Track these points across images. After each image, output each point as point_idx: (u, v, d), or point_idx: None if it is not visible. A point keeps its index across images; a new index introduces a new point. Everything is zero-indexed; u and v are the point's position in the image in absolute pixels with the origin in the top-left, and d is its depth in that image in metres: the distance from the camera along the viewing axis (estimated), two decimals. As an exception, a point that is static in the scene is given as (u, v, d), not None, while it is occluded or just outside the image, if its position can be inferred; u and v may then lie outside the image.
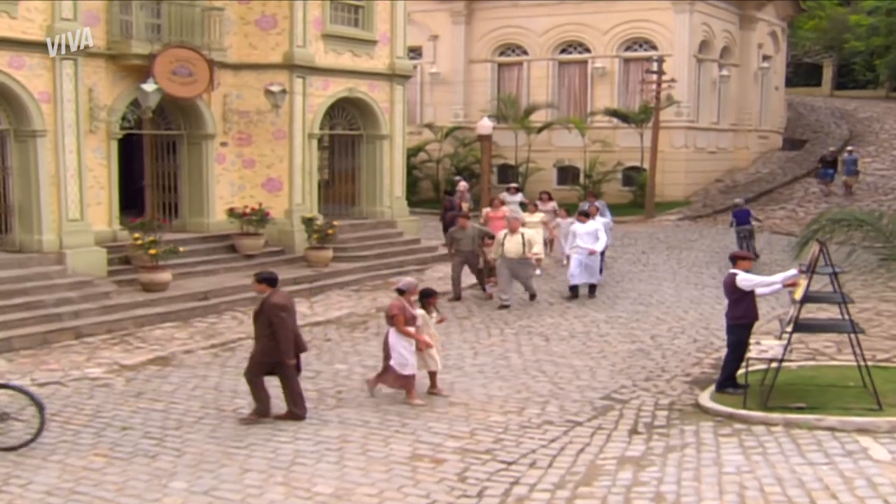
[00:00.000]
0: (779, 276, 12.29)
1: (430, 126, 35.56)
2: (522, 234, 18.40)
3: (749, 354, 12.04)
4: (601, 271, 20.30)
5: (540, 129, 33.36)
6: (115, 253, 18.49)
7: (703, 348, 15.17)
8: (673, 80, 30.44)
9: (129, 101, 19.18)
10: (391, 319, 11.93)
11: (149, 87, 18.29)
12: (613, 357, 14.54)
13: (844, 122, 42.37)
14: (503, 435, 10.75)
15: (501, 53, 36.64)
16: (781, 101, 41.96)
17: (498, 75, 36.72)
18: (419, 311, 12.21)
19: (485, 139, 28.45)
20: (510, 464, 9.84)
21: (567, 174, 34.83)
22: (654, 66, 30.62)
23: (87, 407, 11.78)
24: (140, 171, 21.71)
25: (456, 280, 19.09)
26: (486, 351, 14.89)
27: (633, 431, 10.92)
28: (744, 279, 12.20)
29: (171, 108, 20.82)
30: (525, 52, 35.95)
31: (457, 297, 18.98)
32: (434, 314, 12.66)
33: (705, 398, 12.01)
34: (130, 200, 20.69)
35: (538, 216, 22.78)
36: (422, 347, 12.05)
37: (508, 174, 34.36)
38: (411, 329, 11.92)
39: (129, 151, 21.49)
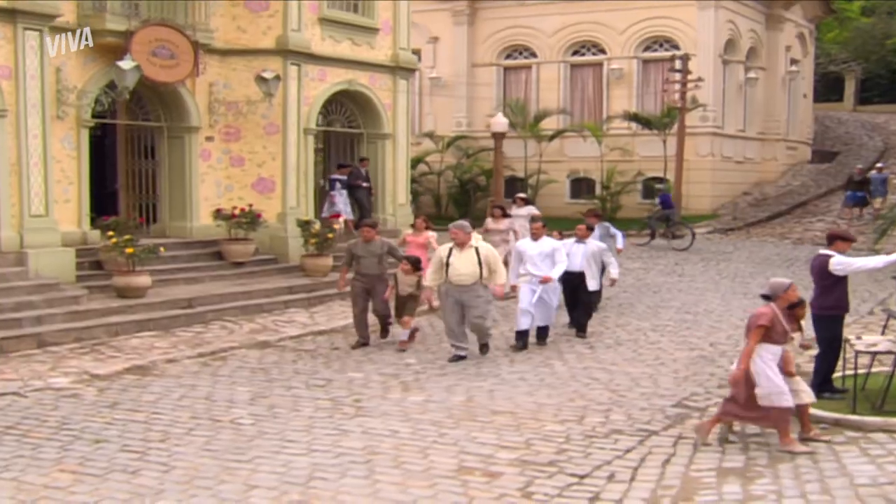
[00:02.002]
0: (881, 259, 10.81)
1: (430, 135, 34.13)
2: (477, 251, 13.03)
3: (856, 347, 10.55)
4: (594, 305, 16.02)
5: (552, 137, 31.96)
6: (85, 257, 16.90)
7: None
8: (700, 80, 29.08)
9: (102, 84, 17.62)
10: (752, 332, 9.12)
11: (126, 64, 16.77)
12: (673, 364, 13.02)
13: (877, 135, 41.18)
14: (566, 445, 9.19)
15: (508, 56, 35.33)
16: (810, 111, 40.77)
17: (504, 80, 35.40)
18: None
19: (499, 137, 26.99)
20: (582, 477, 8.29)
21: (581, 186, 33.44)
22: (678, 65, 29.23)
23: (51, 419, 10.18)
24: (113, 174, 20.19)
25: (360, 319, 14.22)
26: (522, 359, 13.35)
27: (724, 440, 9.36)
28: (839, 262, 10.77)
29: (148, 96, 19.30)
30: (534, 55, 34.65)
31: (363, 342, 14.17)
32: (798, 335, 9.84)
33: (802, 404, 10.43)
34: (101, 207, 19.02)
35: (504, 223, 19.47)
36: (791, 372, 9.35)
37: (517, 187, 32.85)
38: (775, 347, 9.12)
39: (101, 152, 19.93)
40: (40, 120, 15.91)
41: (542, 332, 14.34)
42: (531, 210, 21.17)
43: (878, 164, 32.54)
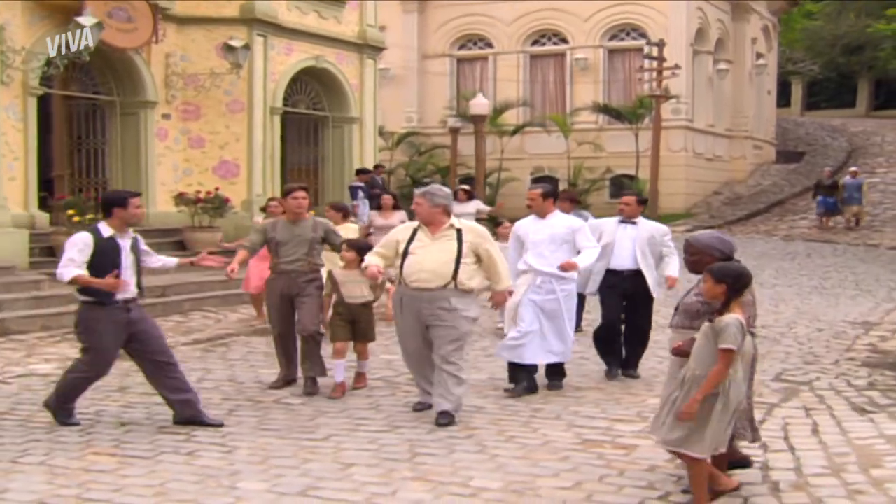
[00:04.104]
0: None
1: (379, 131, 32.97)
2: (459, 235, 8.21)
3: None
4: (579, 322, 11.77)
5: (514, 132, 31.15)
6: (35, 243, 15.49)
7: (839, 335, 13.03)
8: (677, 67, 28.57)
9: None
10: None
11: (86, 20, 15.43)
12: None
13: (839, 135, 41.38)
14: (687, 417, 8.22)
15: (462, 47, 34.50)
16: (773, 109, 40.75)
17: (458, 72, 34.55)
18: None
19: (480, 120, 26.08)
20: (732, 448, 7.33)
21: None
22: (654, 52, 28.69)
23: (52, 404, 8.85)
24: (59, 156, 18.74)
25: (282, 343, 9.59)
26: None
27: (862, 410, 8.55)
28: None
29: (99, 66, 17.92)
30: (490, 45, 33.87)
31: (288, 379, 9.55)
32: None
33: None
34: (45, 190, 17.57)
35: (471, 206, 17.43)
36: None
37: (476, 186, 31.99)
38: None
39: (48, 126, 18.38)
40: (-15, 82, 14.54)
41: (555, 371, 9.49)
42: (478, 205, 18.76)
43: (853, 168, 30.14)
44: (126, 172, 18.33)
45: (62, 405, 7.99)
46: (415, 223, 8.39)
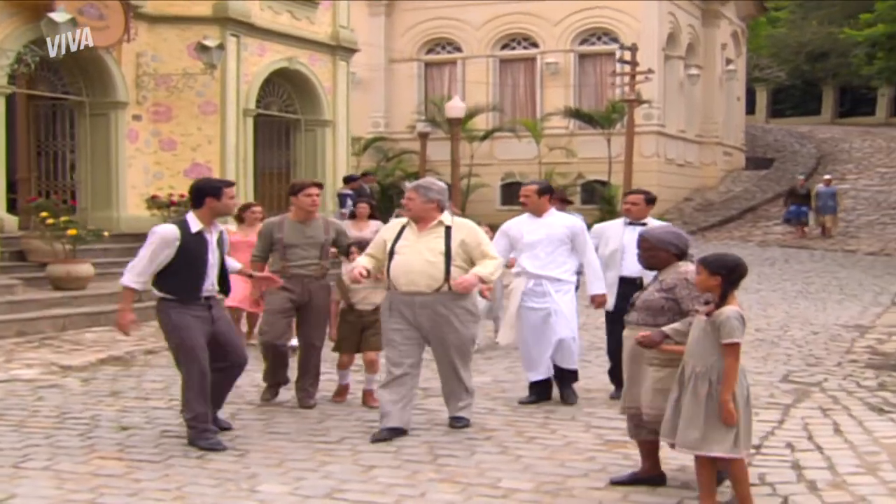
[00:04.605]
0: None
1: (346, 136, 32.86)
2: (448, 233, 7.64)
3: None
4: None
5: (484, 137, 31.09)
6: (6, 246, 15.17)
7: (835, 338, 13.06)
8: (651, 71, 28.69)
9: (22, 42, 15.96)
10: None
11: (59, 16, 15.19)
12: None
13: (808, 142, 41.79)
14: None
15: (430, 51, 34.44)
16: (743, 115, 41.06)
17: (426, 76, 34.46)
18: None
19: (455, 123, 25.99)
20: (757, 447, 7.28)
21: (514, 191, 32.51)
22: (626, 56, 28.77)
23: (42, 408, 8.68)
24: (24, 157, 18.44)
25: (278, 350, 8.77)
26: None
27: (880, 410, 8.55)
28: None
29: (68, 65, 17.63)
30: (459, 49, 33.83)
31: (278, 382, 8.96)
32: None
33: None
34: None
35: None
36: None
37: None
38: None
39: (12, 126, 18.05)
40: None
41: (566, 380, 8.90)
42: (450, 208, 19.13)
43: (826, 177, 29.94)
44: (95, 175, 18.04)
45: (196, 427, 7.25)
46: (403, 220, 7.86)
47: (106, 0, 17.01)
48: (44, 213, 14.52)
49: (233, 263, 7.83)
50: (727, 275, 5.71)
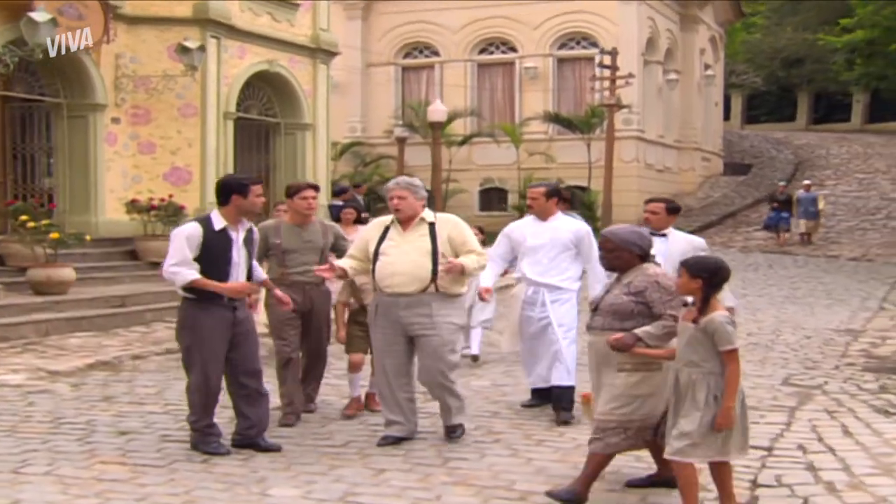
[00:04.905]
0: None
1: (323, 141, 32.77)
2: (432, 230, 7.47)
3: None
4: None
5: (462, 142, 31.08)
6: (-18, 251, 15.05)
7: (828, 342, 13.12)
8: (631, 76, 28.77)
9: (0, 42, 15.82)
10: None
11: (40, 15, 15.02)
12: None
13: (784, 148, 42.08)
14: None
15: (407, 55, 34.40)
16: (721, 121, 41.28)
17: (403, 80, 34.43)
18: None
19: (437, 127, 25.97)
20: (769, 450, 7.31)
21: (492, 196, 32.59)
22: (606, 60, 28.83)
23: (35, 414, 8.56)
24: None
25: (292, 371, 8.27)
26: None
27: (886, 412, 8.59)
28: None
29: (45, 66, 17.42)
30: (436, 53, 33.81)
31: (301, 411, 8.27)
32: None
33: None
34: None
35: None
36: None
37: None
38: None
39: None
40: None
41: (560, 397, 8.32)
42: None
43: (806, 182, 29.85)
44: (73, 178, 17.85)
45: (200, 431, 7.16)
46: (387, 219, 7.58)
47: (85, 0, 16.85)
48: (24, 217, 14.34)
49: (258, 272, 7.62)
50: (709, 278, 5.61)
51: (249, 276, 7.33)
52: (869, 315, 15.97)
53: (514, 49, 33.03)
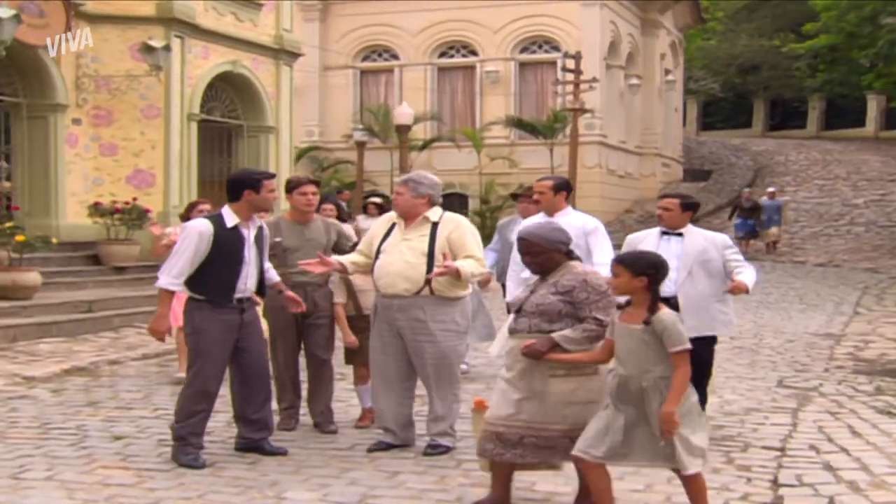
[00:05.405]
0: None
1: (279, 146, 32.60)
2: (434, 230, 7.20)
3: None
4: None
5: (423, 147, 31.09)
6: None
7: (812, 346, 13.25)
8: (595, 80, 28.94)
9: (-41, 40, 15.56)
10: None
11: (4, 11, 14.80)
12: (723, 353, 12.25)
13: (744, 154, 42.54)
14: (724, 422, 8.28)
15: (366, 58, 34.41)
16: (680, 126, 41.65)
17: (361, 84, 34.39)
18: None
19: (404, 130, 25.94)
20: (781, 450, 7.36)
21: (452, 202, 32.52)
22: (570, 64, 28.98)
23: (21, 419, 8.39)
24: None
25: (289, 372, 8.12)
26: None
27: (889, 413, 8.69)
28: None
29: (4, 65, 17.16)
30: (396, 56, 33.86)
31: (295, 415, 8.14)
32: None
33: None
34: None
35: None
36: None
37: (386, 206, 31.72)
38: None
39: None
40: None
41: None
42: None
43: (770, 189, 29.81)
44: (33, 181, 17.59)
45: (183, 439, 6.87)
46: (395, 215, 7.38)
47: (47, -3, 16.66)
48: (-12, 220, 14.11)
49: (271, 274, 7.43)
50: (654, 274, 5.27)
51: (261, 277, 7.20)
52: (845, 319, 16.14)
53: (474, 53, 33.14)
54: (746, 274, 7.58)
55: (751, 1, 52.53)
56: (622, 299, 5.41)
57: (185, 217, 10.47)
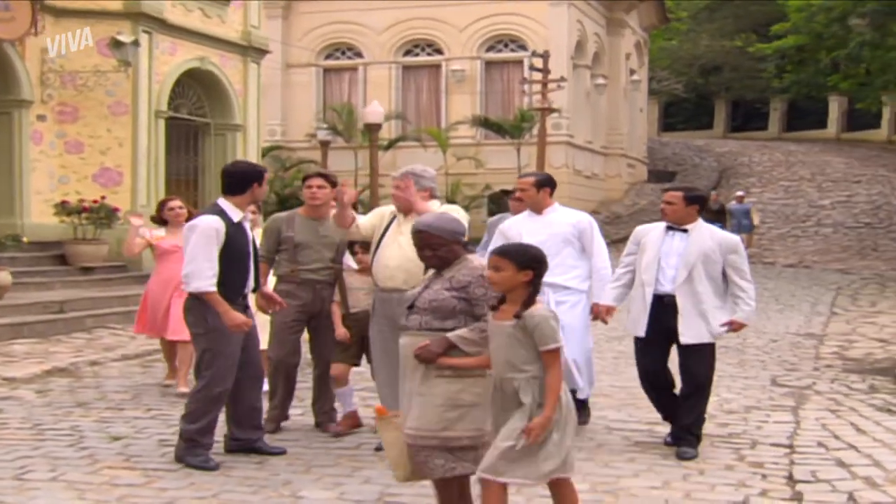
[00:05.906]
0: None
1: (241, 144, 32.46)
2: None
3: None
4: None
5: (387, 146, 31.03)
6: None
7: (797, 346, 13.44)
8: (563, 79, 29.06)
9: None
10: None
11: (-28, 4, 14.64)
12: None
13: (707, 155, 42.91)
14: (727, 420, 8.37)
15: (329, 56, 34.30)
16: (645, 127, 41.93)
17: (324, 83, 34.30)
18: None
19: (375, 129, 25.91)
20: (790, 447, 7.46)
21: (416, 204, 32.53)
22: (538, 63, 29.08)
23: (10, 421, 8.30)
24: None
25: (287, 376, 8.00)
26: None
27: (889, 410, 8.83)
28: None
29: (-32, 60, 17.04)
30: (360, 55, 33.77)
31: (283, 416, 8.07)
32: None
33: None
34: None
35: None
36: None
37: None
38: None
39: None
40: None
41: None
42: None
43: (739, 193, 29.52)
44: (-3, 178, 17.44)
45: (193, 441, 6.77)
46: (384, 208, 7.37)
47: (12, -11, 16.49)
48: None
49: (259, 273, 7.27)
50: (538, 269, 5.00)
51: (257, 272, 7.16)
52: (824, 320, 16.34)
53: (440, 51, 33.14)
54: (744, 306, 7.33)
55: (713, 1, 53.03)
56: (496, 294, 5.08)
57: (158, 215, 10.19)
